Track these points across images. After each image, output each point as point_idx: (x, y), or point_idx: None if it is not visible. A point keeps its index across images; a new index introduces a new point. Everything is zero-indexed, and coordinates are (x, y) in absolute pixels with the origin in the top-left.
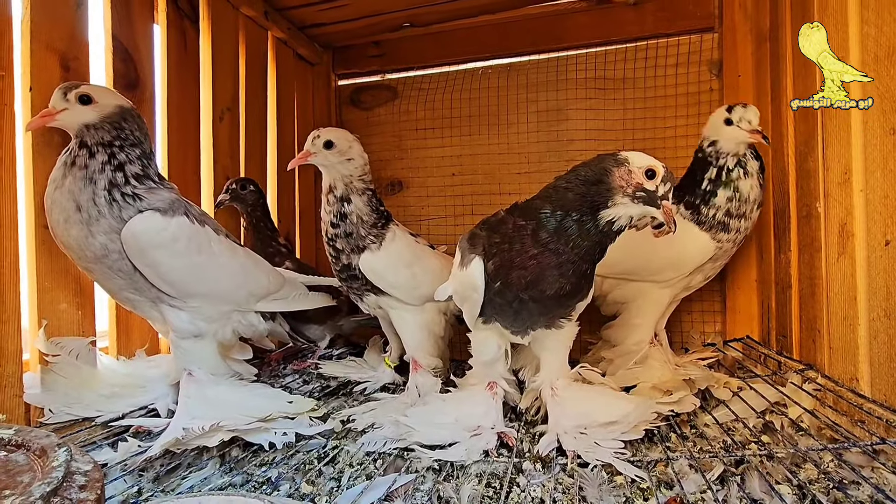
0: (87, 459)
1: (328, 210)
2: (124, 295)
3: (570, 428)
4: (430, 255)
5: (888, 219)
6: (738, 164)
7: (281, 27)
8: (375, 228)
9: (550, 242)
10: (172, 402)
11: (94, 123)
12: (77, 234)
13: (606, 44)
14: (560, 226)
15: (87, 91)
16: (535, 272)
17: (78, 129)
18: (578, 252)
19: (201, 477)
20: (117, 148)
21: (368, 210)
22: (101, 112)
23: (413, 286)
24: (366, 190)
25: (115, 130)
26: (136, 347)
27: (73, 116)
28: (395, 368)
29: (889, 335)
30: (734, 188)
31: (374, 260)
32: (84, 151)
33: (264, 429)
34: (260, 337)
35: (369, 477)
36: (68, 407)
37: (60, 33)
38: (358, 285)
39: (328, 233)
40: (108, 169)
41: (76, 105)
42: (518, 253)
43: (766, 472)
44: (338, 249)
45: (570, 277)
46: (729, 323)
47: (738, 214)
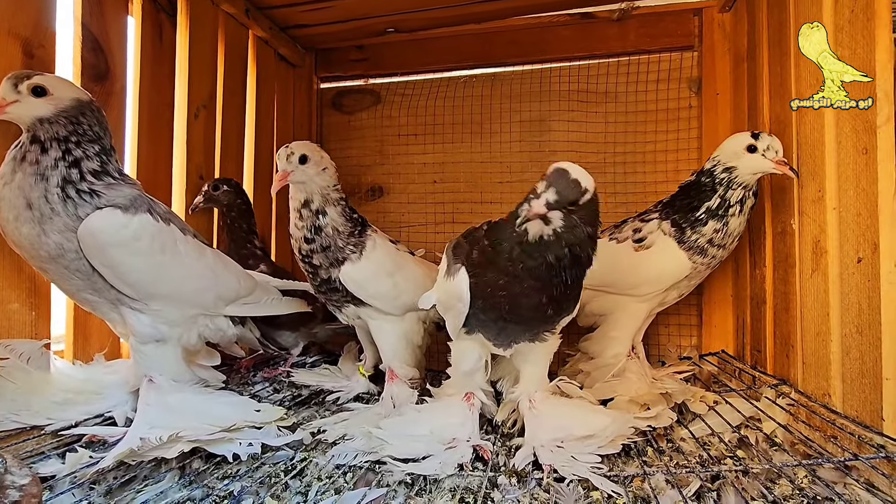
0: (26, 472)
1: (300, 226)
2: (82, 296)
3: (547, 441)
4: (411, 262)
5: (860, 236)
6: (741, 200)
7: (262, 26)
8: (353, 237)
9: (510, 268)
10: (131, 410)
11: (48, 117)
12: (28, 233)
13: (589, 58)
14: (510, 253)
15: (41, 82)
16: (509, 300)
17: (31, 123)
18: (537, 274)
19: (158, 490)
20: (73, 144)
21: (343, 220)
22: (57, 105)
23: (394, 296)
24: (340, 200)
25: (71, 125)
26: (94, 352)
27: (25, 109)
28: (370, 378)
29: (861, 351)
30: (725, 223)
31: (355, 271)
32: (36, 147)
33: (228, 439)
34: (229, 343)
35: (338, 491)
36: (15, 414)
37: (24, 18)
38: (338, 297)
39: (302, 250)
40: (63, 165)
41: (28, 97)
42: (490, 282)
43: (741, 487)
44: (315, 265)
45: (545, 300)
46: (705, 337)
47: (719, 245)
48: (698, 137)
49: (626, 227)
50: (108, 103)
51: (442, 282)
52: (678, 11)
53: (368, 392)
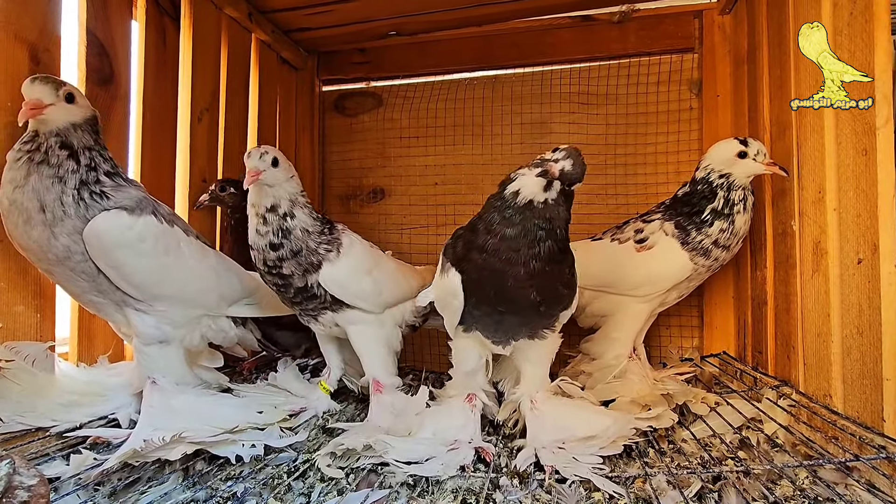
0: (33, 473)
1: (263, 231)
2: (88, 298)
3: (549, 442)
4: (384, 257)
5: (860, 237)
6: (744, 198)
7: (265, 30)
8: (325, 235)
9: (490, 246)
10: (135, 412)
11: (80, 124)
12: (38, 236)
13: (590, 60)
14: (488, 225)
15: (73, 90)
16: (496, 285)
17: (63, 128)
18: (516, 245)
19: (162, 492)
20: (96, 152)
21: (311, 220)
22: (84, 114)
23: (377, 293)
24: (307, 204)
25: (94, 133)
26: (98, 354)
27: (62, 114)
28: (331, 395)
29: (861, 352)
30: (731, 221)
31: (336, 271)
32: (64, 152)
33: (231, 441)
34: (231, 344)
35: (341, 492)
36: (21, 416)
37: (31, 23)
38: (315, 305)
39: (268, 260)
40: (84, 170)
41: (63, 102)
42: (476, 269)
43: (742, 488)
44: (286, 275)
45: (523, 275)
46: (706, 338)
47: (724, 246)
48: (699, 139)
49: (628, 228)
50: (112, 107)
51: (437, 279)
52: (678, 14)
53: (329, 410)
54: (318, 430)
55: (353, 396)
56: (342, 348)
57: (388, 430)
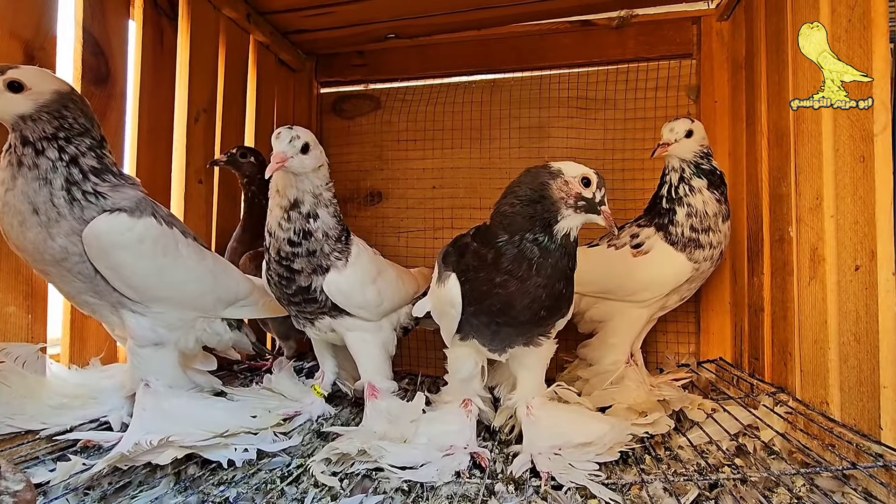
0: (20, 478)
1: (285, 227)
2: (83, 298)
3: (545, 448)
4: (386, 264)
5: (858, 244)
6: (681, 180)
7: (263, 31)
8: (340, 243)
9: (514, 270)
10: (127, 415)
11: (30, 114)
12: (34, 238)
13: (589, 65)
14: (519, 251)
15: (17, 76)
16: (504, 301)
17: (13, 122)
18: (545, 272)
19: (153, 496)
20: (63, 140)
21: (334, 223)
22: (37, 100)
23: (378, 302)
24: (332, 199)
25: (56, 120)
26: (91, 356)
27: (4, 107)
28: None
29: (858, 359)
30: (686, 204)
31: (342, 280)
32: (29, 149)
33: (223, 445)
34: (225, 347)
35: (335, 498)
36: (10, 418)
37: (26, 20)
38: (313, 309)
39: (282, 251)
40: (61, 166)
41: (5, 93)
42: (484, 282)
43: (739, 496)
44: (294, 270)
45: (545, 301)
46: (703, 344)
47: (703, 228)
48: None
49: (624, 234)
50: (108, 106)
51: (434, 288)
52: (677, 20)
53: (324, 415)
54: (312, 434)
55: (347, 400)
56: (336, 351)
57: (383, 435)
